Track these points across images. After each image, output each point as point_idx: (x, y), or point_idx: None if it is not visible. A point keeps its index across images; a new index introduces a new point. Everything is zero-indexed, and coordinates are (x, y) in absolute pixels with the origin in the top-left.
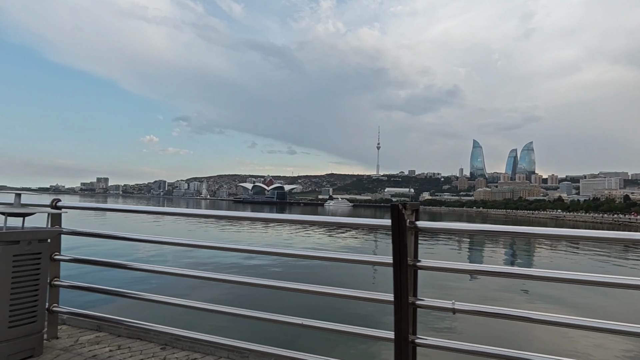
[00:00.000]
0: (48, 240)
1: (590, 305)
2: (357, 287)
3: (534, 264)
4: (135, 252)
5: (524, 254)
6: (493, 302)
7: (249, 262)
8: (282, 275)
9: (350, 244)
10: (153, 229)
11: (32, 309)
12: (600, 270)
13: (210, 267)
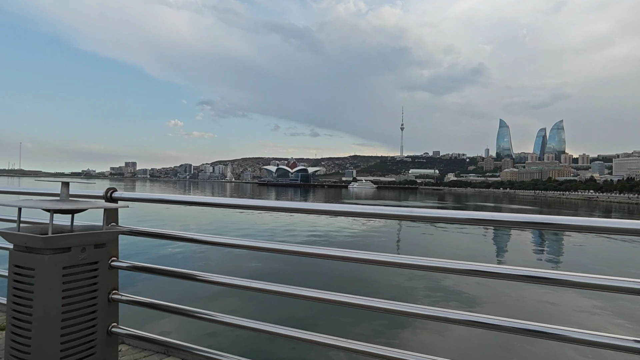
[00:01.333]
0: (105, 245)
1: None
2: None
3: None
4: (191, 254)
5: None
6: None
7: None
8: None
9: (370, 226)
10: (197, 216)
11: (89, 332)
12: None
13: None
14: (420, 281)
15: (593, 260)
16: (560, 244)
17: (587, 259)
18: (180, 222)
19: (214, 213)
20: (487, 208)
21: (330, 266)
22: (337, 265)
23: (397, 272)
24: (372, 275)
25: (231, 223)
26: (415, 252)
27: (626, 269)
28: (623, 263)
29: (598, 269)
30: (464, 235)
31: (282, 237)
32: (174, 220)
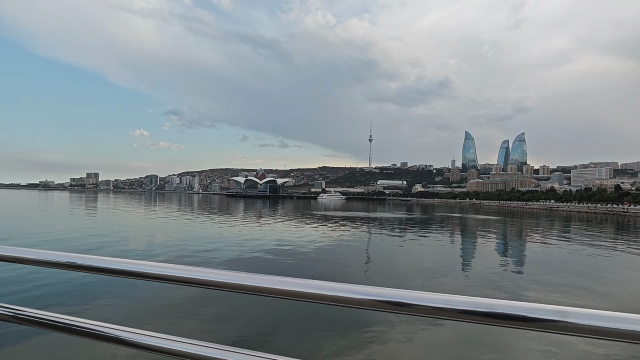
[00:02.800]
0: None
1: None
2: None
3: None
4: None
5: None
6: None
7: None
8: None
9: (338, 238)
10: (141, 224)
11: None
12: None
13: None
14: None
15: (552, 270)
16: (522, 253)
17: (548, 268)
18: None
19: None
20: (454, 218)
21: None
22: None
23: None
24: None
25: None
26: (383, 265)
27: (587, 279)
28: (583, 272)
29: (558, 280)
30: (428, 245)
31: (250, 248)
32: (118, 227)
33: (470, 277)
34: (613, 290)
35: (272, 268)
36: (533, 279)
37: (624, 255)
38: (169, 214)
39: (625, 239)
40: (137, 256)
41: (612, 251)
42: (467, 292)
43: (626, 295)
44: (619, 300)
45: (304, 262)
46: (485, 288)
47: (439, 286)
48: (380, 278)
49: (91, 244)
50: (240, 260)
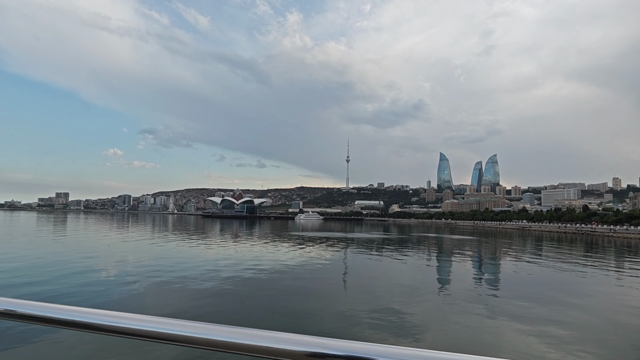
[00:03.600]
0: None
1: None
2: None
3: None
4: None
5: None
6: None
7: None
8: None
9: (316, 259)
10: (110, 250)
11: None
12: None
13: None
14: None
15: (527, 287)
16: (497, 273)
17: (523, 285)
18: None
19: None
20: (430, 238)
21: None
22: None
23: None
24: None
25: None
26: (361, 286)
27: (560, 296)
28: (558, 289)
29: (533, 295)
30: (405, 265)
31: (227, 272)
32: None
33: (446, 297)
34: (585, 309)
35: (247, 293)
36: (508, 298)
37: (596, 273)
38: (141, 236)
39: (595, 257)
40: (107, 283)
41: (584, 269)
42: (445, 312)
43: (599, 315)
44: (591, 317)
45: (281, 284)
46: (464, 307)
47: (417, 306)
48: (359, 299)
49: (58, 271)
50: (215, 284)
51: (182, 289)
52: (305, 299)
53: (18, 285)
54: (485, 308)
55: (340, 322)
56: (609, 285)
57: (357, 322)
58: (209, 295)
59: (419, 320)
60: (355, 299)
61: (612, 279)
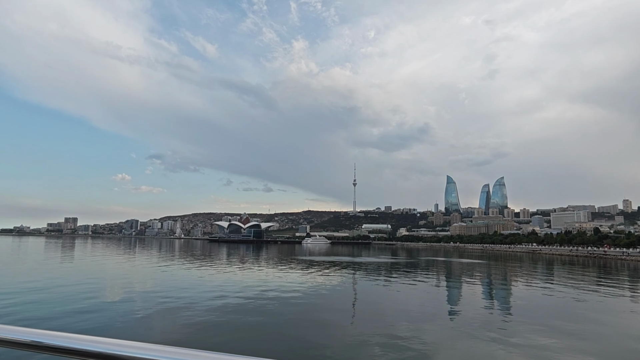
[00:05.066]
0: None
1: None
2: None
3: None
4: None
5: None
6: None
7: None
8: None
9: (323, 284)
10: (116, 272)
11: None
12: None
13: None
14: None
15: (540, 314)
16: (508, 298)
17: (535, 312)
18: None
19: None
20: (439, 262)
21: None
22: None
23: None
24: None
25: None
26: (370, 311)
27: (574, 323)
28: (571, 316)
29: (546, 323)
30: (414, 289)
31: (233, 298)
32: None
33: (456, 324)
34: (600, 337)
35: (253, 321)
36: (520, 325)
37: (612, 298)
38: (147, 260)
39: (610, 282)
40: (111, 309)
41: (599, 294)
42: (455, 340)
43: (612, 343)
44: (605, 346)
45: (288, 311)
46: (474, 334)
47: (426, 334)
48: (367, 325)
49: (66, 295)
50: (220, 312)
51: (186, 316)
52: (313, 326)
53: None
54: (496, 336)
55: (349, 350)
56: (625, 311)
57: (365, 350)
58: (214, 324)
59: (428, 348)
60: (363, 325)
61: (628, 304)
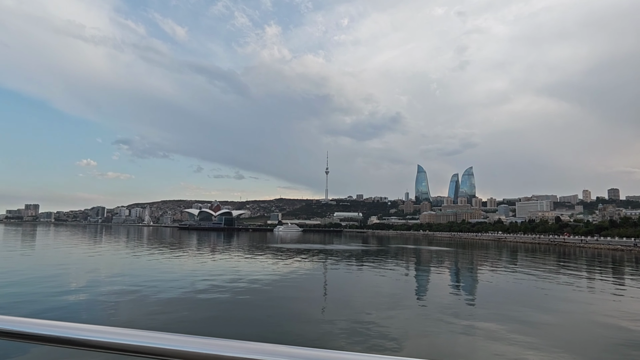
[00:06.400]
0: None
1: None
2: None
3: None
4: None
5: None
6: None
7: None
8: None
9: (295, 271)
10: (81, 260)
11: None
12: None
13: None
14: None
15: (503, 298)
16: (474, 284)
17: (499, 296)
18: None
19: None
20: (408, 249)
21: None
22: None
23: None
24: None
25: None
26: (341, 298)
27: (535, 307)
28: (532, 299)
29: (508, 306)
30: (384, 277)
31: (204, 286)
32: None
33: (425, 311)
34: (557, 318)
35: (225, 306)
36: (484, 309)
37: (569, 283)
38: (115, 248)
39: (567, 268)
40: (77, 297)
41: (557, 279)
42: (423, 323)
43: (568, 327)
44: (562, 326)
45: (259, 297)
46: (440, 322)
47: (395, 318)
48: (338, 310)
49: (24, 285)
50: (189, 298)
51: (155, 304)
52: (285, 313)
53: None
54: (462, 318)
55: (320, 336)
56: (581, 295)
57: (336, 335)
58: (184, 311)
59: (397, 330)
60: (334, 311)
61: (584, 288)
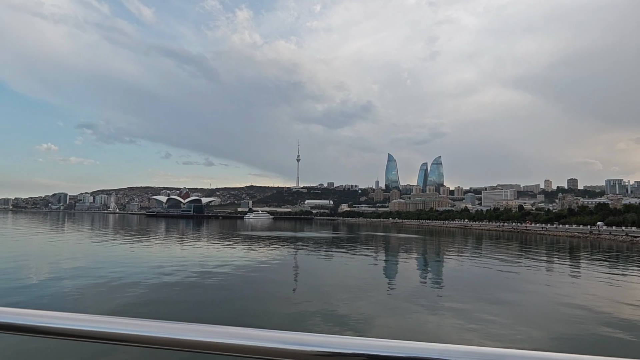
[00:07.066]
0: None
1: None
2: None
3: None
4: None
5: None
6: None
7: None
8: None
9: (265, 258)
10: (42, 248)
11: None
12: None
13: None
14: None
15: (467, 281)
16: (440, 270)
17: (463, 280)
18: None
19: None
20: (378, 237)
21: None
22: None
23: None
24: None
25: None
26: (310, 284)
27: (497, 292)
28: (495, 283)
29: (472, 289)
30: (353, 263)
31: (172, 274)
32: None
33: (393, 294)
34: (517, 299)
35: (193, 295)
36: (451, 293)
37: (529, 267)
38: (78, 236)
39: (528, 253)
40: (36, 285)
41: (518, 264)
42: (391, 306)
43: (529, 306)
44: (522, 306)
45: (229, 284)
46: (407, 304)
47: (364, 302)
48: (308, 296)
49: None
50: (158, 286)
51: (120, 291)
52: (255, 299)
53: None
54: (428, 301)
55: (290, 321)
56: (541, 278)
57: (306, 320)
58: (151, 299)
59: (366, 317)
60: (305, 298)
61: (544, 272)
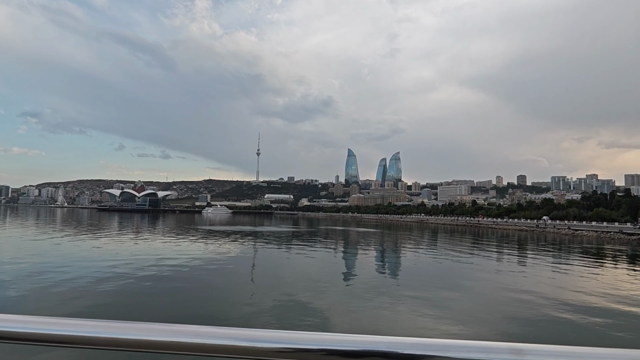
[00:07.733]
0: None
1: None
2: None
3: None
4: None
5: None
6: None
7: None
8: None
9: (223, 253)
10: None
11: None
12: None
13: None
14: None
15: (423, 274)
16: (398, 263)
17: (419, 272)
18: None
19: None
20: (337, 231)
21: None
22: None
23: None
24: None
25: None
26: (270, 279)
27: (452, 281)
28: (446, 276)
29: (427, 281)
30: (313, 257)
31: (125, 270)
32: None
33: (353, 287)
34: (470, 290)
35: (147, 291)
36: (408, 284)
37: (480, 259)
38: (21, 232)
39: (480, 246)
40: None
41: (471, 256)
42: (349, 300)
43: (482, 292)
44: (477, 297)
45: (185, 281)
46: (368, 294)
47: (323, 296)
48: (266, 291)
49: None
50: (110, 283)
51: (70, 290)
52: (212, 294)
53: None
54: (385, 294)
55: (249, 316)
56: (491, 267)
57: (265, 315)
58: (103, 297)
59: (324, 307)
60: (263, 292)
61: (494, 262)
